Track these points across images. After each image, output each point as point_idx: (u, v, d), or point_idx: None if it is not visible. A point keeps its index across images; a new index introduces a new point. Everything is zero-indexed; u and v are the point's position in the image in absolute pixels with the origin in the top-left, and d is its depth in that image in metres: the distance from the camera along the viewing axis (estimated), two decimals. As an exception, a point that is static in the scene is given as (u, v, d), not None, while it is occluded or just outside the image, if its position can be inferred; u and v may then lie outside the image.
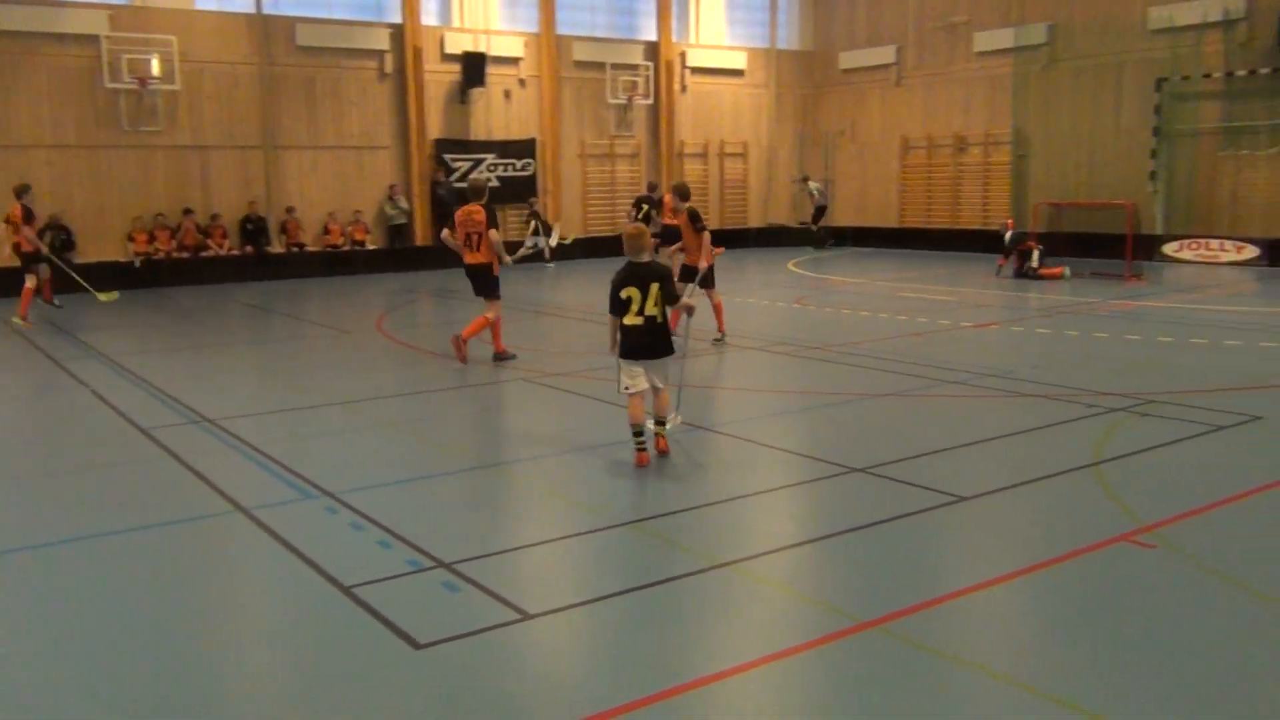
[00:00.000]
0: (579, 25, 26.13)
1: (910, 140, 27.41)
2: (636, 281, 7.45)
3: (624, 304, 7.44)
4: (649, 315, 7.43)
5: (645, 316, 7.43)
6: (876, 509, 6.35)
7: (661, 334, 7.51)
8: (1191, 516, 6.12)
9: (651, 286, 7.43)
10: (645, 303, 7.42)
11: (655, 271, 7.53)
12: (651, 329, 7.46)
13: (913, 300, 16.59)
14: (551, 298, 18.79)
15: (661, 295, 7.45)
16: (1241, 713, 4.04)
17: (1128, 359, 11.23)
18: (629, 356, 7.53)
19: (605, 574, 5.52)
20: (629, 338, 7.50)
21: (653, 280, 7.45)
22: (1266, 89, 20.49)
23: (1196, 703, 4.08)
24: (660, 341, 7.52)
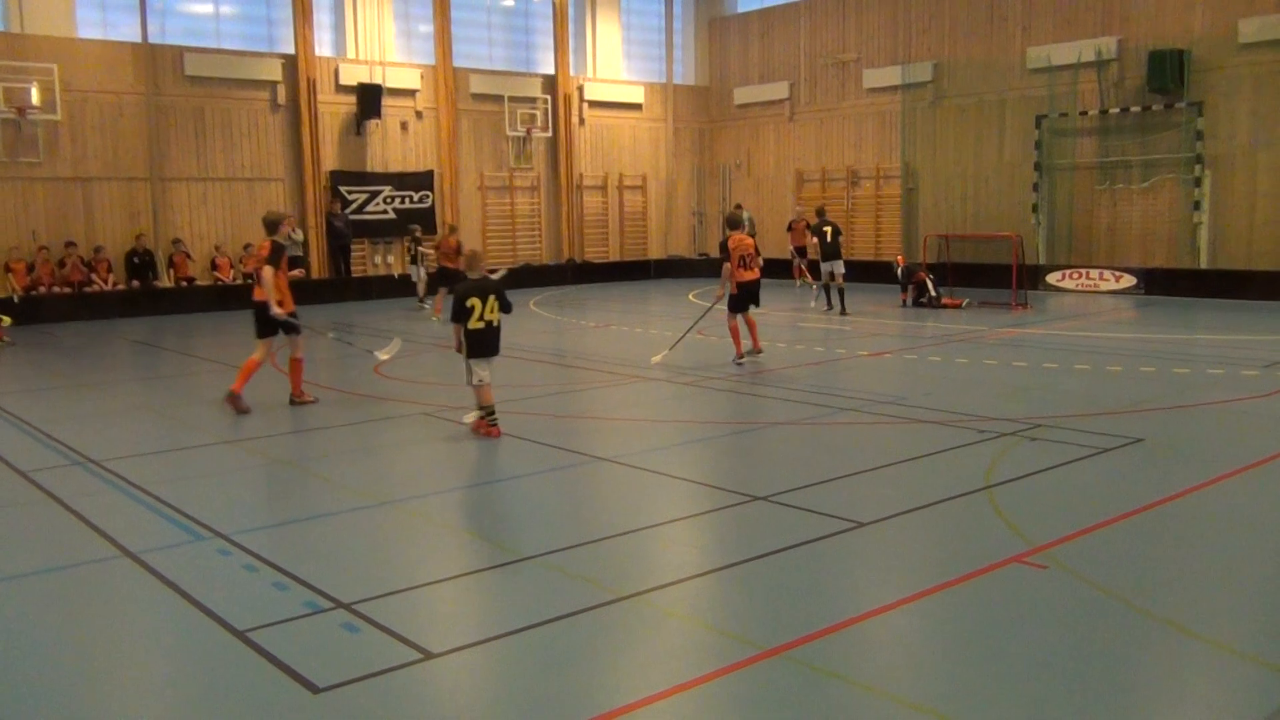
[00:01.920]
0: (476, 58, 26.14)
1: (805, 174, 28.03)
2: (478, 293, 9.14)
3: (468, 312, 9.07)
4: (488, 320, 9.17)
5: (485, 321, 9.16)
6: (778, 536, 6.41)
7: (497, 337, 9.26)
8: (1080, 537, 6.33)
9: (490, 298, 9.16)
10: (484, 310, 9.12)
11: (493, 285, 9.30)
12: (490, 332, 9.20)
13: (810, 330, 16.90)
14: (450, 331, 18.59)
15: (497, 304, 9.19)
16: (1130, 726, 4.18)
17: (1016, 385, 11.60)
18: (476, 355, 9.19)
19: (509, 610, 5.46)
20: (475, 339, 9.16)
21: (491, 292, 9.19)
22: (1137, 126, 21.53)
23: (1084, 717, 4.20)
24: (494, 343, 9.28)
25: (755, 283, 13.16)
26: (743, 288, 13.00)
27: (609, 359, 14.39)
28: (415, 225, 22.68)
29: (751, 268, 13.03)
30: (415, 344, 15.78)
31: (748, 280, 12.99)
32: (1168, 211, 21.33)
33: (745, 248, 13.02)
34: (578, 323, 19.02)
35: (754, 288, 13.16)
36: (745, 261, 13.00)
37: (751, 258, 13.09)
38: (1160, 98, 21.01)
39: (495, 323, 9.22)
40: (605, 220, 28.67)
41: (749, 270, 13.01)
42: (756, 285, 13.20)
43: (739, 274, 12.91)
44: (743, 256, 12.96)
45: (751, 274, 13.02)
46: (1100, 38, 21.86)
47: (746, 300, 13.09)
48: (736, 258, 12.93)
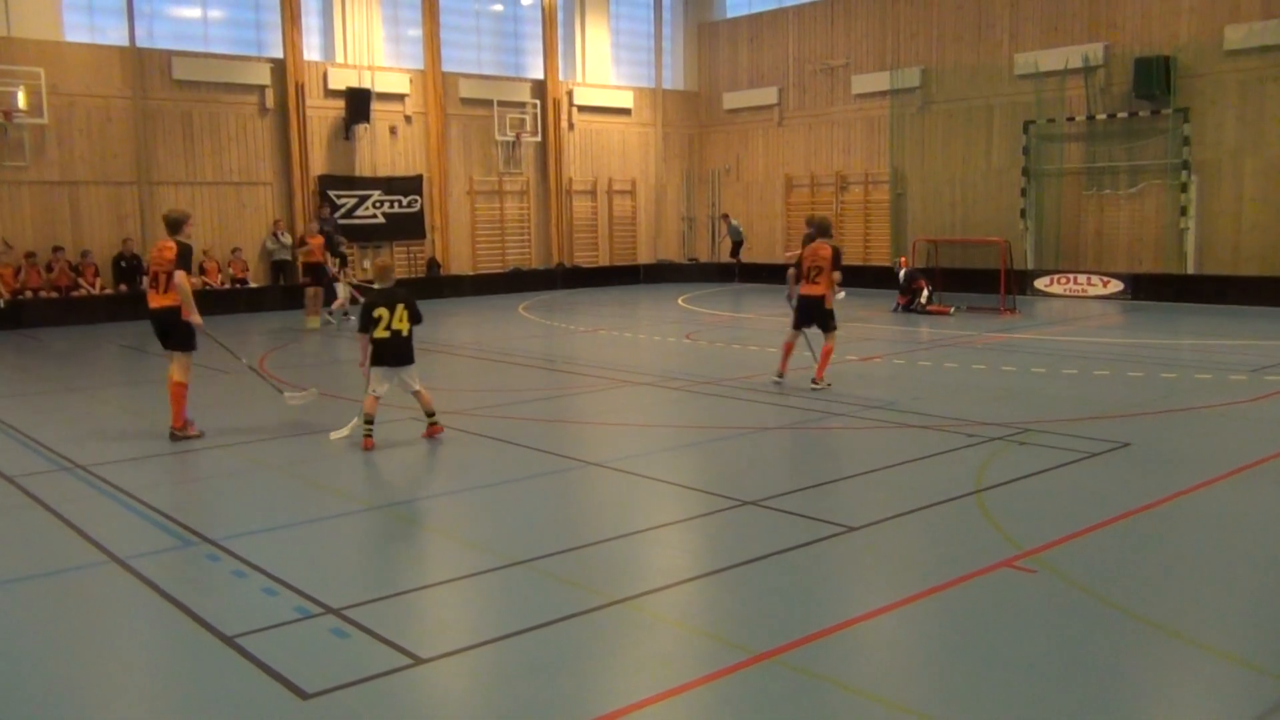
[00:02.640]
0: (465, 63, 26.14)
1: (793, 179, 28.09)
2: (386, 303, 9.01)
3: (375, 321, 8.97)
4: (395, 330, 9.01)
5: (392, 331, 9.01)
6: (769, 541, 6.42)
7: (405, 346, 9.11)
8: (1069, 541, 6.34)
9: (398, 307, 9.03)
10: (392, 320, 8.98)
11: (400, 296, 9.14)
12: (397, 342, 9.06)
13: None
14: (441, 336, 18.59)
15: (406, 314, 9.05)
16: (1120, 729, 4.19)
17: (1004, 389, 11.64)
18: (379, 364, 9.07)
19: (498, 615, 5.44)
20: (380, 349, 9.04)
21: (399, 302, 9.06)
22: (1124, 132, 21.64)
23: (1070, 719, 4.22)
24: (402, 353, 9.11)
25: (816, 301, 11.49)
26: (803, 302, 11.67)
27: (599, 363, 14.38)
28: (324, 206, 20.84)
29: (817, 281, 11.45)
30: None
31: (808, 295, 11.56)
32: (1154, 217, 21.43)
33: (818, 259, 11.50)
34: (567, 327, 19.02)
35: (814, 306, 11.54)
36: (811, 274, 11.51)
37: (821, 271, 11.44)
38: (1147, 104, 21.13)
39: (404, 332, 9.07)
40: (595, 225, 28.68)
41: (813, 284, 11.48)
42: (817, 304, 11.50)
43: (805, 287, 11.58)
44: (809, 268, 11.53)
45: (815, 288, 11.46)
46: (1087, 44, 21.97)
47: (806, 316, 11.69)
48: (805, 267, 11.59)
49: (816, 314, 11.59)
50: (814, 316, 11.62)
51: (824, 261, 11.39)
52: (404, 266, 25.15)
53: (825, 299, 11.40)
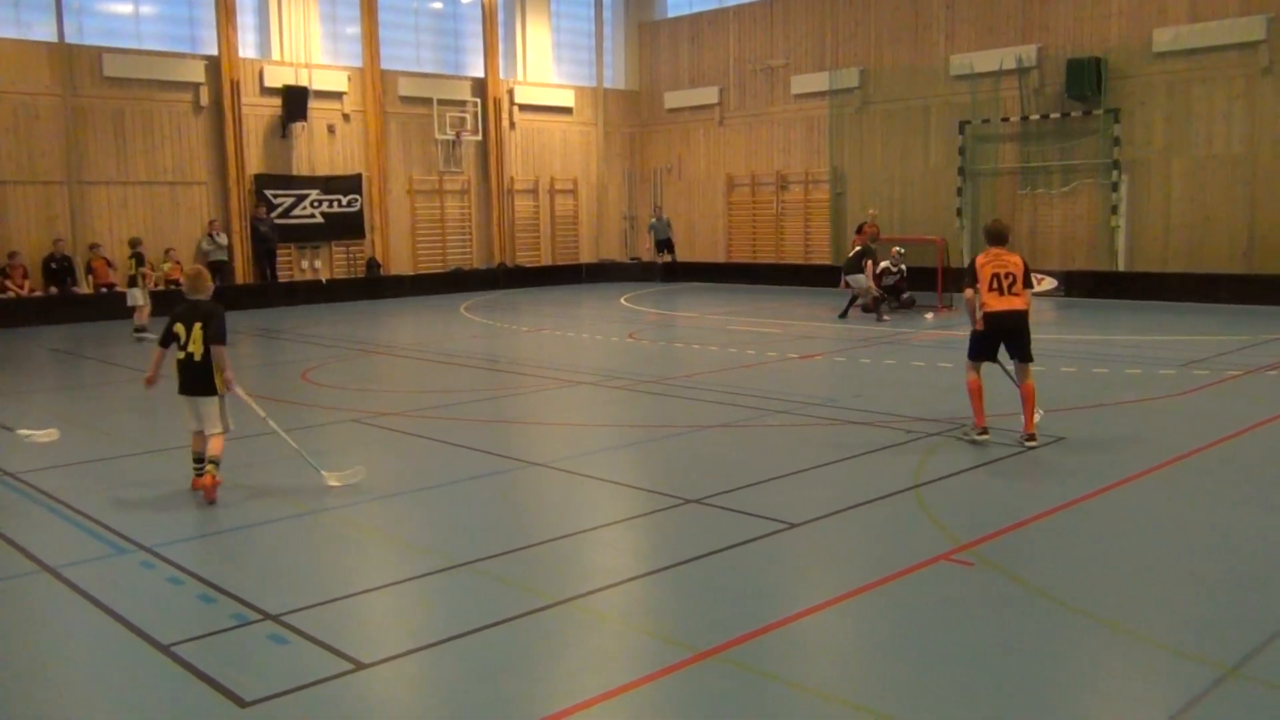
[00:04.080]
0: (404, 61, 25.90)
1: (734, 178, 28.24)
2: (184, 318, 7.68)
3: (174, 337, 7.70)
4: (189, 353, 7.59)
5: (186, 353, 7.61)
6: (711, 539, 6.45)
7: (199, 373, 7.60)
8: (1005, 534, 6.46)
9: (195, 325, 7.60)
10: (188, 339, 7.59)
11: (202, 311, 7.69)
12: (190, 366, 7.60)
13: (742, 333, 17.03)
14: (381, 337, 18.41)
15: (203, 335, 7.56)
16: (1057, 718, 4.28)
17: (942, 386, 11.81)
18: (179, 390, 7.74)
19: (442, 617, 5.41)
20: (178, 372, 7.69)
21: (197, 319, 7.63)
22: (1057, 132, 22.08)
23: (1016, 712, 4.30)
24: (196, 380, 7.62)
25: (1018, 317, 8.80)
26: (991, 321, 8.83)
27: (541, 363, 14.35)
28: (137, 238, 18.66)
29: (1011, 292, 8.81)
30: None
31: (1007, 310, 8.77)
32: (1086, 215, 21.89)
33: (1005, 265, 8.84)
34: (510, 327, 18.94)
35: (1015, 324, 8.80)
36: (1000, 284, 8.82)
37: (1016, 280, 8.82)
38: (1079, 105, 21.57)
39: (196, 356, 7.57)
40: (536, 224, 28.60)
41: (1011, 296, 8.79)
42: (1019, 321, 8.81)
43: (988, 300, 8.81)
44: (996, 275, 8.82)
45: (1015, 301, 8.80)
46: (1021, 46, 22.36)
47: (994, 340, 8.93)
48: (987, 277, 8.83)
49: (1015, 336, 8.83)
50: (1011, 339, 8.88)
51: (1016, 269, 8.83)
52: (343, 266, 24.88)
53: (1028, 314, 8.90)
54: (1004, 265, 8.89)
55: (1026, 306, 8.89)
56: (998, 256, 8.95)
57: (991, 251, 9.01)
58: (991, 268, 8.91)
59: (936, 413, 10.07)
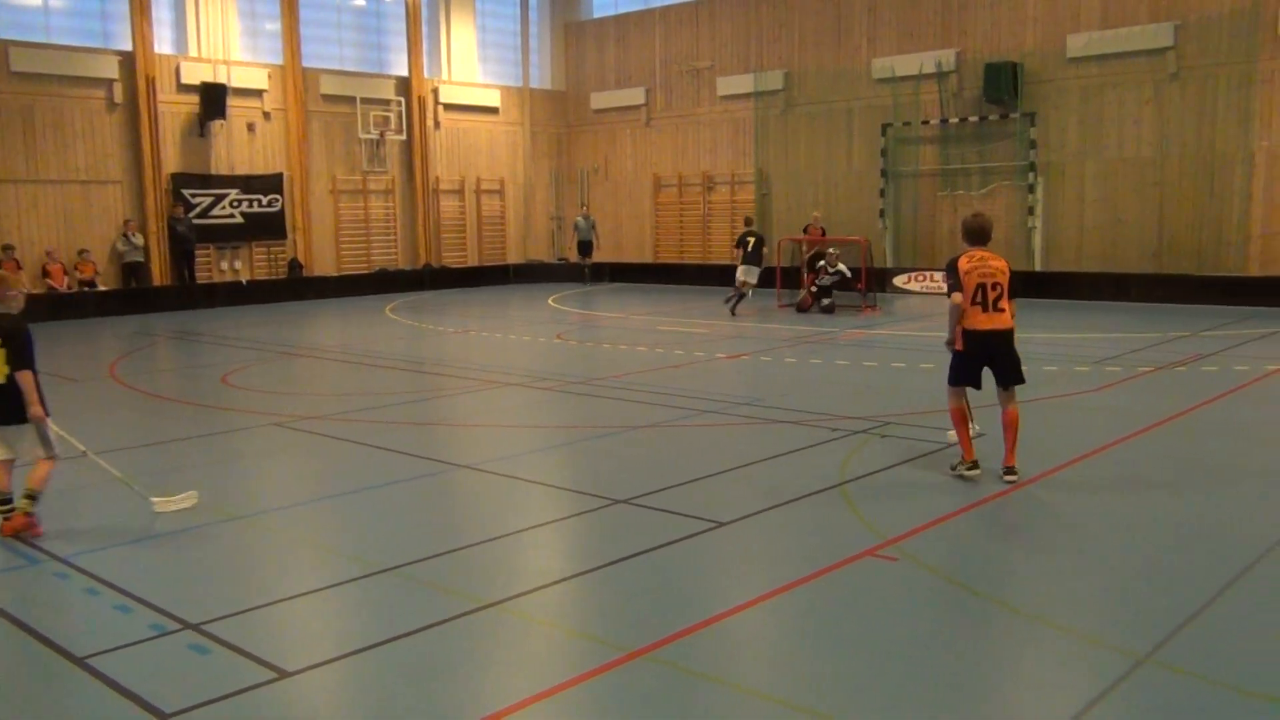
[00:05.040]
0: (326, 58, 25.52)
1: (661, 179, 28.34)
2: None
3: None
4: None
5: None
6: (640, 539, 6.46)
7: (9, 402, 6.62)
8: (928, 529, 6.58)
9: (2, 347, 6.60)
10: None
11: (6, 328, 6.65)
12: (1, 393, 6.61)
13: (670, 333, 17.10)
14: (304, 339, 18.12)
15: (9, 355, 6.59)
16: (980, 710, 4.37)
17: (866, 384, 11.99)
18: None
19: (368, 623, 5.34)
20: None
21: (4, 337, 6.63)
22: (976, 135, 22.56)
23: (939, 704, 4.38)
24: (9, 409, 6.63)
25: (1003, 337, 7.65)
26: (973, 341, 7.64)
27: (468, 365, 14.24)
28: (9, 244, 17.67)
29: (997, 307, 7.58)
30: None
31: (984, 330, 7.59)
32: (1004, 216, 22.37)
33: (991, 273, 7.56)
34: (436, 329, 18.76)
35: (1000, 344, 7.65)
36: (985, 296, 7.54)
37: (999, 290, 7.58)
38: (996, 108, 22.05)
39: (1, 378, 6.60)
40: (463, 224, 28.38)
41: (996, 312, 7.57)
42: (1005, 341, 7.67)
43: (971, 315, 7.56)
44: (981, 285, 7.53)
45: (999, 319, 7.59)
46: (940, 50, 22.81)
47: (978, 363, 7.73)
48: (971, 287, 7.53)
49: (1001, 358, 7.69)
50: (996, 361, 7.70)
51: (1003, 278, 7.60)
52: (265, 267, 24.43)
53: (1014, 335, 7.72)
54: (990, 273, 7.54)
55: (1013, 325, 7.65)
56: (983, 261, 7.58)
57: (975, 254, 7.62)
58: (977, 276, 7.53)
59: (862, 410, 10.22)
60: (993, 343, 7.64)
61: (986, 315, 7.55)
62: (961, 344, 7.68)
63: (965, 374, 7.79)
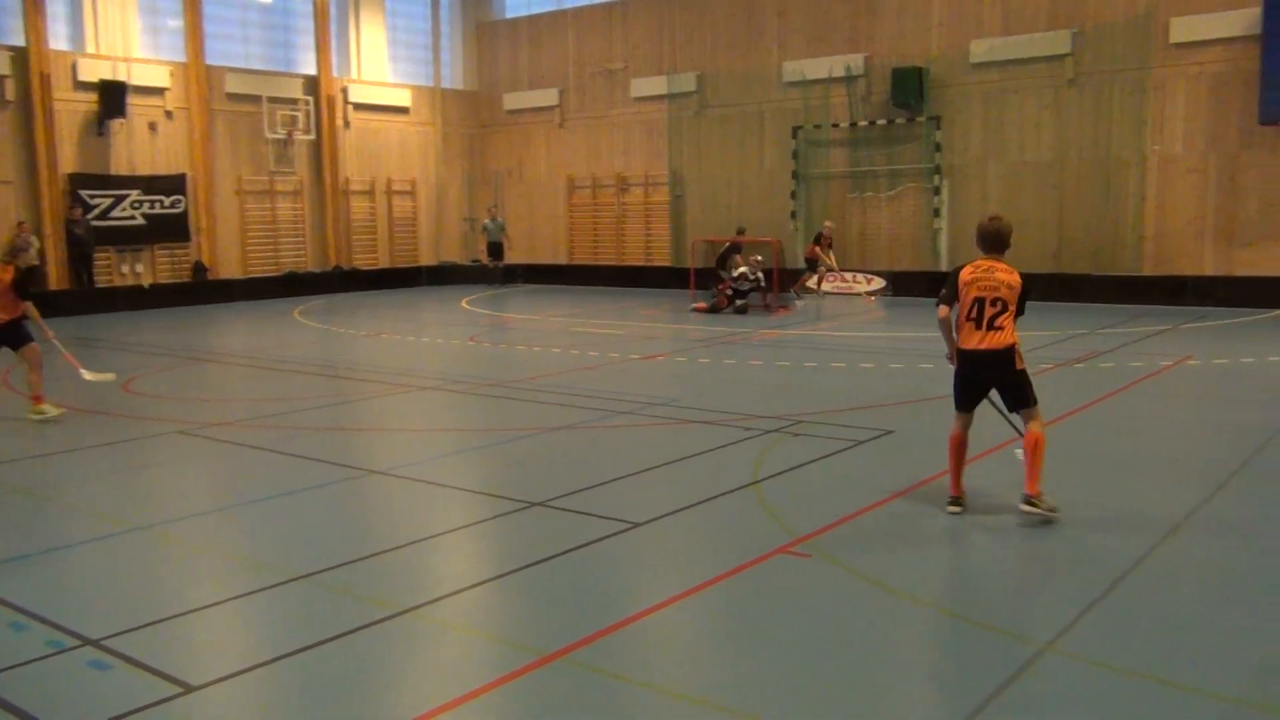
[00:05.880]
0: (231, 56, 24.92)
1: (575, 180, 28.30)
2: None
3: None
4: None
5: None
6: (555, 541, 6.45)
7: None
8: (839, 525, 6.69)
9: None
10: None
11: None
12: None
13: (585, 335, 17.08)
14: (210, 343, 17.67)
15: None
16: (892, 702, 4.45)
17: (779, 384, 12.13)
18: None
19: (278, 634, 5.23)
20: None
21: None
22: (884, 138, 23.00)
23: (854, 696, 4.45)
24: None
25: (1000, 357, 6.75)
26: (965, 361, 6.90)
27: (381, 368, 14.04)
28: None
29: (999, 326, 6.73)
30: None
31: (974, 350, 6.81)
32: (912, 218, 22.86)
33: (994, 287, 6.76)
34: (347, 332, 18.47)
35: (997, 365, 6.77)
36: (981, 312, 6.76)
37: (1000, 306, 6.74)
38: (903, 112, 22.51)
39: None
40: (374, 226, 27.97)
41: (993, 330, 6.74)
42: (1003, 362, 6.76)
43: (964, 333, 6.85)
44: (979, 300, 6.77)
45: (997, 337, 6.73)
46: (849, 55, 23.19)
47: (976, 384, 6.94)
48: (969, 300, 6.82)
49: (1002, 380, 6.84)
50: (998, 383, 6.89)
51: (1009, 294, 6.74)
52: (168, 271, 23.76)
53: (1015, 353, 6.77)
54: (993, 286, 6.75)
55: (1012, 342, 6.73)
56: (988, 273, 6.79)
57: (981, 265, 6.85)
58: (977, 288, 6.77)
59: (774, 409, 10.34)
60: (987, 364, 6.77)
61: (980, 334, 6.76)
62: (958, 364, 6.97)
63: (959, 396, 7.06)
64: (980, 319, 6.74)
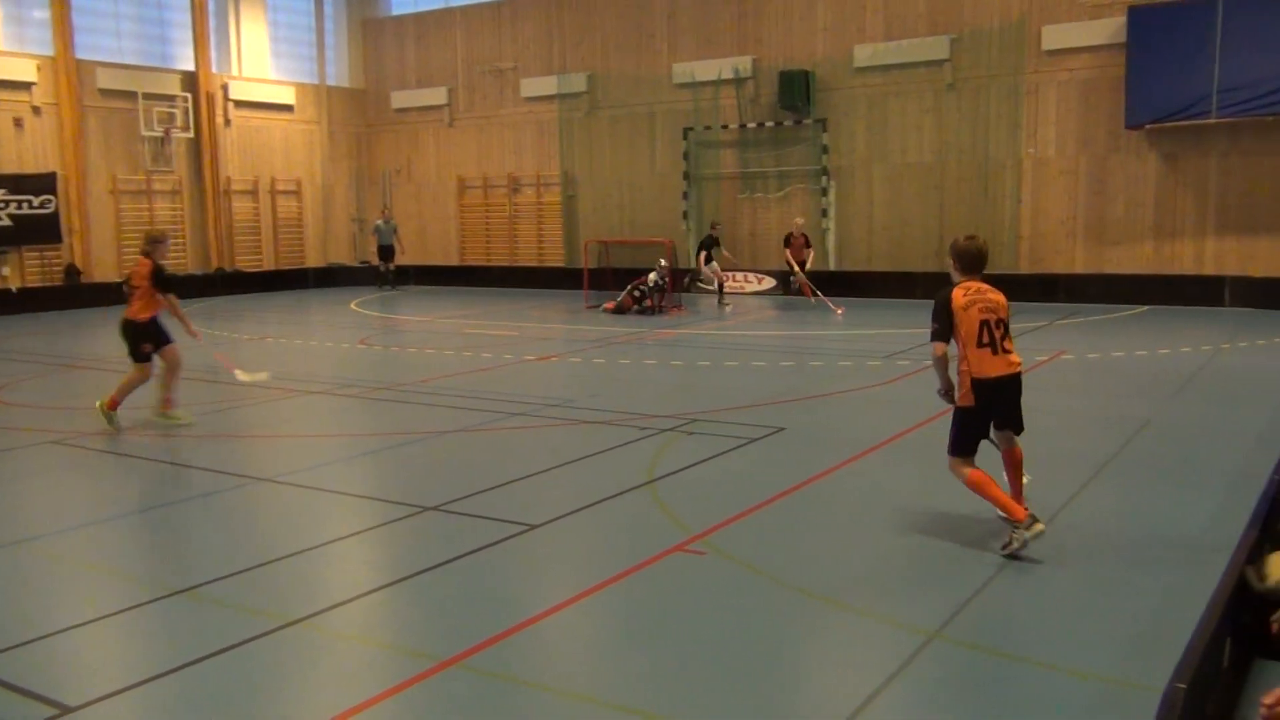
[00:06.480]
0: (103, 50, 23.94)
1: (466, 180, 28.02)
2: None
3: None
4: None
5: None
6: (451, 546, 6.37)
7: None
8: (734, 522, 6.77)
9: None
10: None
11: None
12: None
13: (478, 337, 16.93)
14: (84, 349, 16.97)
15: None
16: (789, 693, 4.52)
17: (673, 383, 12.22)
18: None
19: (162, 649, 5.04)
20: None
21: None
22: (772, 140, 23.35)
23: (751, 691, 4.51)
24: None
25: (1017, 381, 6.36)
26: (986, 391, 6.24)
27: (267, 372, 13.66)
28: None
29: (1005, 347, 6.27)
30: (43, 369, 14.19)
31: (999, 377, 6.24)
32: (801, 219, 23.25)
33: (994, 309, 6.28)
34: (231, 336, 17.92)
35: (1013, 390, 6.36)
36: (991, 335, 6.23)
37: (1004, 327, 6.30)
38: (790, 114, 22.88)
39: None
40: (258, 227, 27.20)
41: (1000, 355, 6.24)
42: (1018, 386, 6.39)
43: (979, 360, 6.22)
44: (985, 323, 6.22)
45: (1008, 362, 6.27)
46: (737, 57, 23.48)
47: (988, 416, 6.37)
48: (973, 326, 6.21)
49: (1010, 403, 6.38)
50: (1008, 407, 6.38)
51: (1005, 311, 6.35)
52: (37, 273, 22.72)
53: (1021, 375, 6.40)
54: (993, 308, 6.26)
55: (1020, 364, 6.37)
56: (981, 294, 6.28)
57: (970, 286, 6.31)
58: (979, 311, 6.20)
59: (669, 409, 10.41)
60: (1007, 389, 6.28)
61: (999, 358, 6.21)
62: (971, 397, 6.24)
63: (974, 436, 6.35)
64: (994, 343, 6.21)
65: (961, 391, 6.33)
